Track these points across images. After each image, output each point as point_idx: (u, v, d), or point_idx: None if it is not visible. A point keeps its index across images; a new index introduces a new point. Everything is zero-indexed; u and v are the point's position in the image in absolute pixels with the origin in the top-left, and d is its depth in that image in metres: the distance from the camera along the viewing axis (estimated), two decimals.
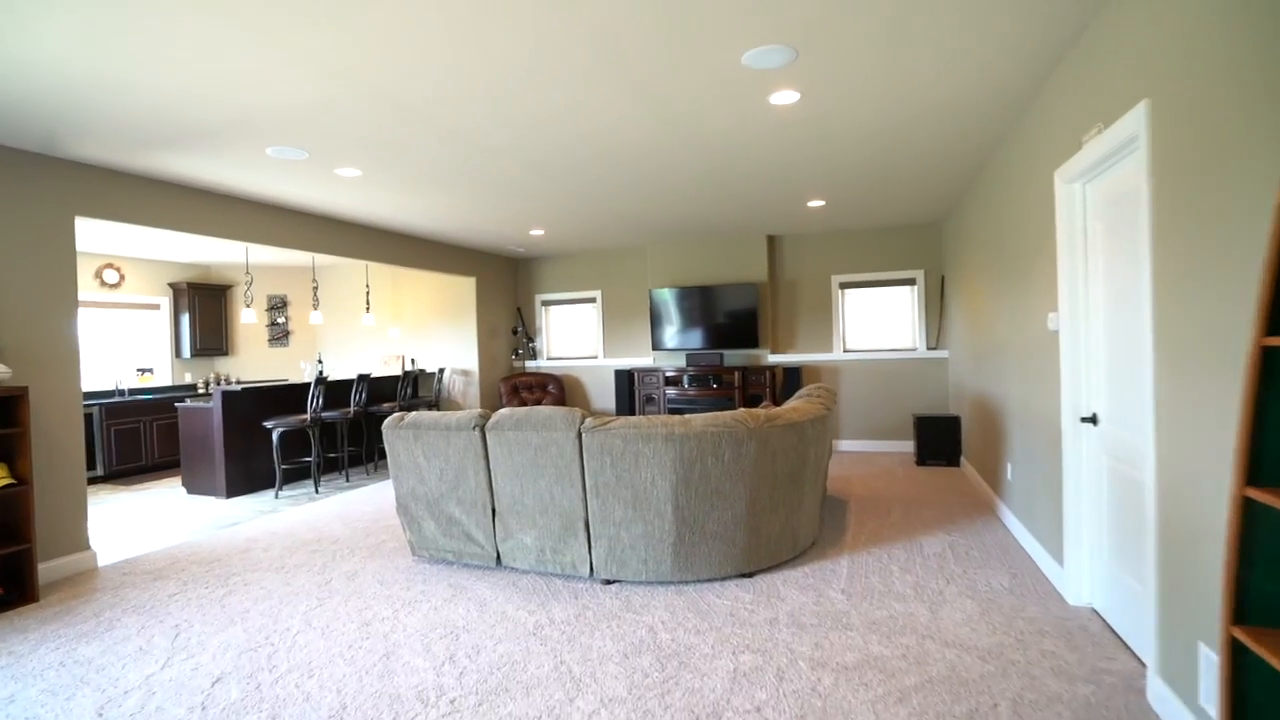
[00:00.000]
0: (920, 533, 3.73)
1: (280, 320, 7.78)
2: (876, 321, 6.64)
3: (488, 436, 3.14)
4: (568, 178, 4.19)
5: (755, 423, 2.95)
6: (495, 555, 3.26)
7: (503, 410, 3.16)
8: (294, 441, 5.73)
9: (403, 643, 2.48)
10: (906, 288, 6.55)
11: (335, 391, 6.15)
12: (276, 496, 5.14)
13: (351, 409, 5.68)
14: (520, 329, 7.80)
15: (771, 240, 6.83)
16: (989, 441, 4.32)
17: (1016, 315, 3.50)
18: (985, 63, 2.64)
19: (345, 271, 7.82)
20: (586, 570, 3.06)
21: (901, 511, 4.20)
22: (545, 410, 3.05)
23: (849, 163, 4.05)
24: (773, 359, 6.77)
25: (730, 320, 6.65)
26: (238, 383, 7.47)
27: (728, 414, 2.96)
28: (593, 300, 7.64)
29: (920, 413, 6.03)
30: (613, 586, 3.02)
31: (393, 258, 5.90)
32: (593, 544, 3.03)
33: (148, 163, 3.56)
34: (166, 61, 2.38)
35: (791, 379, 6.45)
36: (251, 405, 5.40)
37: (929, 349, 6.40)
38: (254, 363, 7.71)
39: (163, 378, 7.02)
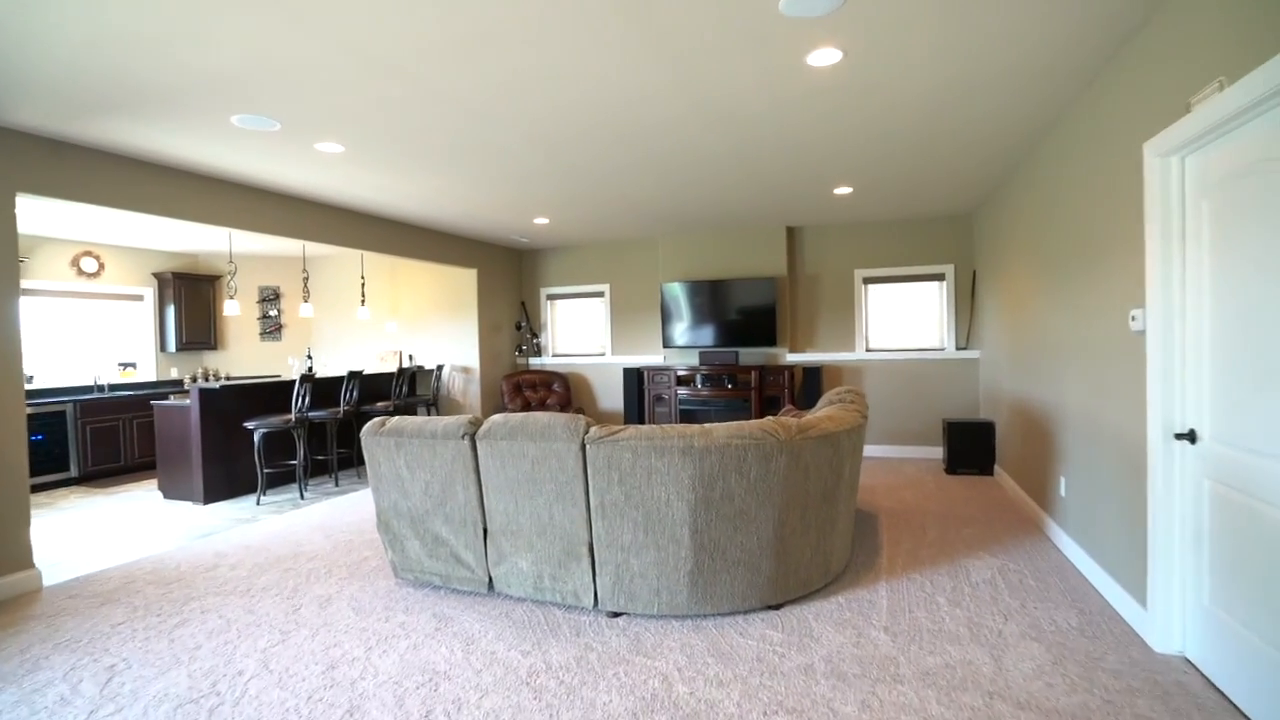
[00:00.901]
0: (963, 555, 3.32)
1: (272, 313, 7.43)
2: (902, 319, 6.22)
3: (478, 446, 2.76)
4: (570, 154, 3.79)
5: (786, 434, 2.56)
6: (487, 580, 2.88)
7: (495, 417, 2.78)
8: (279, 443, 5.38)
9: (371, 694, 2.11)
10: (934, 283, 6.12)
11: (325, 389, 5.79)
12: (258, 503, 4.78)
13: (341, 408, 5.32)
14: (524, 324, 7.43)
15: (791, 232, 6.41)
16: (1034, 452, 3.90)
17: (1078, 313, 3.08)
18: (1068, 15, 2.22)
19: (340, 261, 7.45)
20: (590, 600, 2.68)
21: (939, 528, 3.79)
22: (544, 417, 2.66)
23: (886, 142, 3.63)
24: (791, 358, 6.37)
25: (746, 317, 6.24)
26: (227, 378, 7.14)
27: (754, 423, 2.57)
28: (600, 294, 7.25)
29: (951, 417, 5.61)
30: (620, 620, 2.63)
31: (387, 247, 5.52)
32: (597, 571, 2.64)
33: (99, 133, 3.18)
34: (96, 5, 2.00)
35: (811, 379, 6.04)
36: (233, 404, 5.05)
37: (958, 349, 5.97)
38: (244, 357, 7.36)
39: (146, 373, 6.68)
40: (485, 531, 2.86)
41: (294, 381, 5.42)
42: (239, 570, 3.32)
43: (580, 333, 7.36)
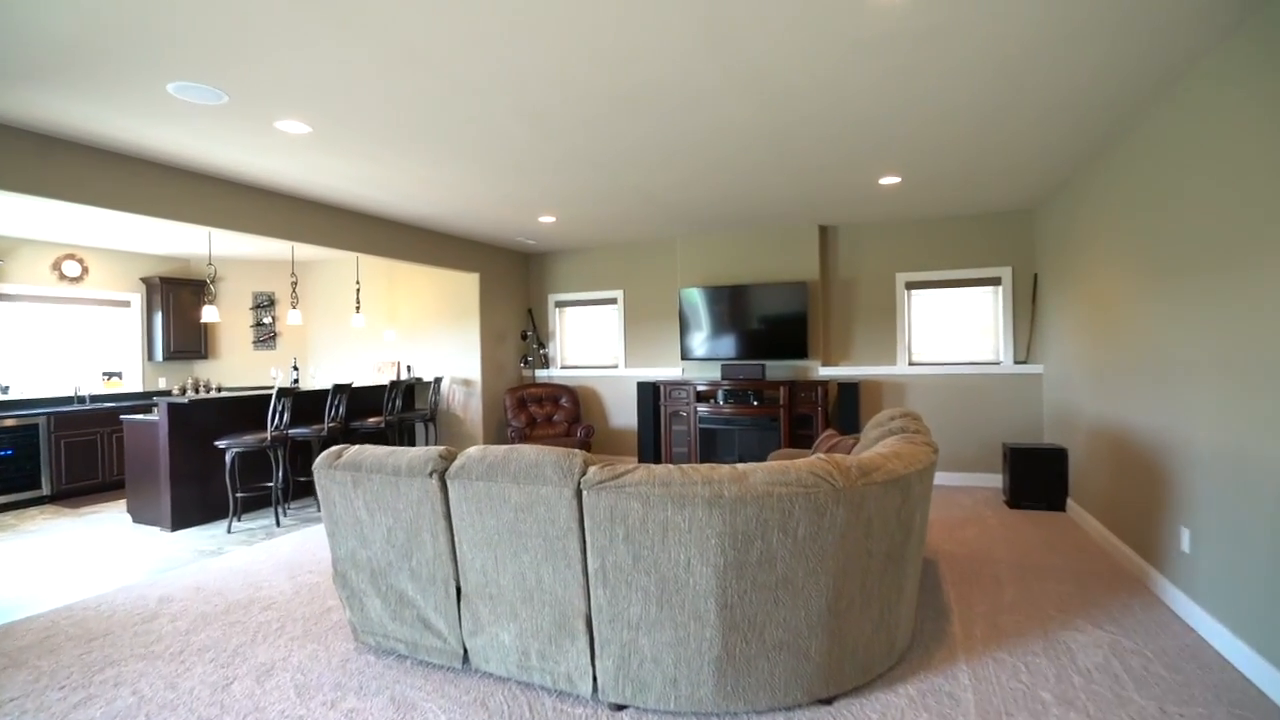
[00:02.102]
0: (1058, 623, 2.66)
1: (266, 320, 7.02)
2: (951, 329, 5.54)
3: (449, 487, 2.20)
4: (576, 135, 3.25)
5: (845, 480, 1.95)
6: (461, 653, 2.31)
7: (471, 451, 2.22)
8: (259, 463, 4.90)
9: None
10: (988, 288, 5.45)
11: (312, 403, 5.31)
12: (229, 531, 4.29)
13: (326, 425, 4.83)
14: (531, 333, 6.90)
15: (824, 231, 5.79)
16: (1135, 492, 3.22)
17: (1218, 323, 2.43)
18: None
19: (336, 266, 7.03)
20: (588, 687, 2.09)
21: (1017, 583, 3.13)
22: (530, 454, 2.09)
23: (953, 113, 3.02)
24: (824, 372, 5.73)
25: (774, 326, 5.63)
26: (219, 389, 6.73)
27: (802, 464, 1.97)
28: (613, 301, 6.70)
29: (1012, 442, 4.92)
30: (625, 716, 2.04)
31: (380, 249, 5.05)
32: (597, 651, 2.05)
33: (21, 107, 2.73)
34: None
35: (847, 396, 5.39)
36: (209, 419, 4.58)
37: (1017, 363, 5.28)
38: (237, 367, 6.96)
39: (133, 383, 6.30)
40: (459, 592, 2.29)
41: (290, 391, 4.93)
42: (179, 622, 2.80)
43: (591, 343, 6.81)
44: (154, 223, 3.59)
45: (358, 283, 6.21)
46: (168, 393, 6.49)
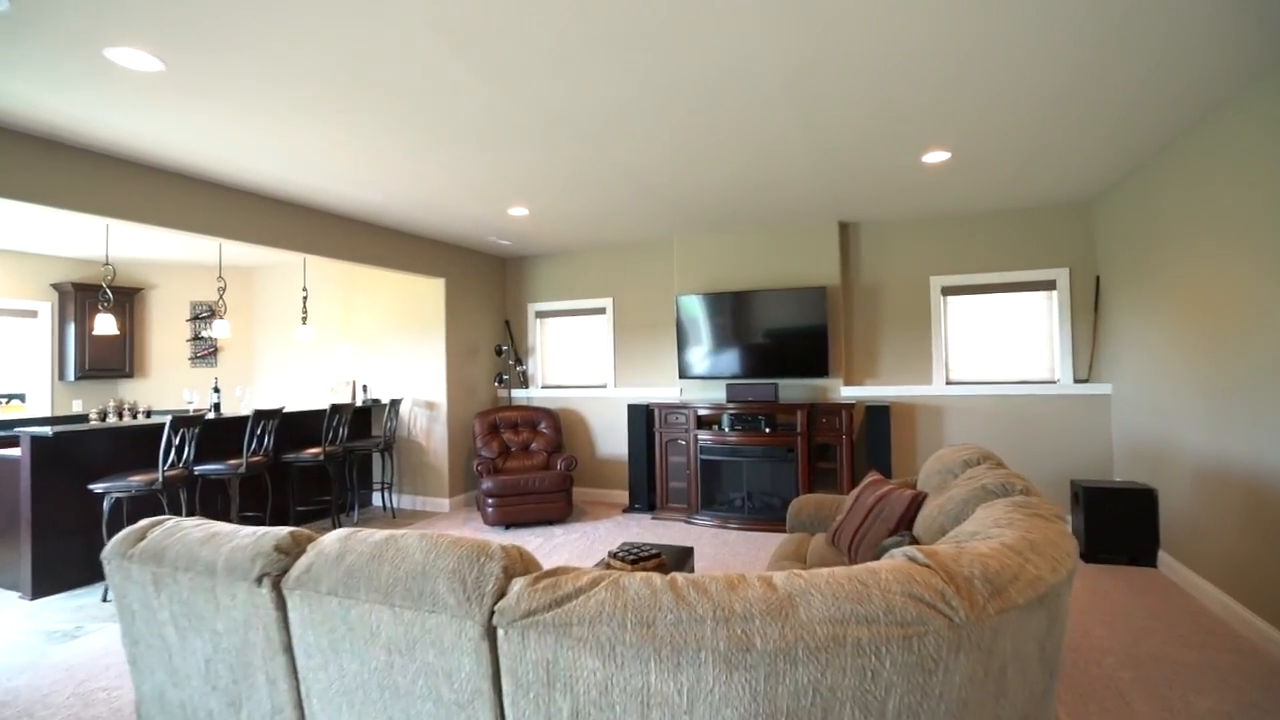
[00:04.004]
0: None
1: (206, 334, 6.16)
2: (996, 341, 4.71)
3: (289, 602, 1.32)
4: (533, 76, 2.42)
5: (969, 606, 1.08)
6: None
7: (326, 540, 1.35)
8: (156, 511, 4.00)
9: None
10: (1040, 294, 4.62)
11: (237, 434, 4.44)
12: (105, 598, 3.39)
13: (245, 460, 3.94)
14: (507, 348, 6.04)
15: (845, 229, 4.98)
16: None
17: None
18: None
19: (287, 271, 6.19)
20: None
21: (1145, 693, 2.24)
22: (415, 551, 1.22)
23: (1043, 58, 2.20)
24: (846, 392, 4.87)
25: (787, 339, 4.79)
26: (146, 414, 5.85)
27: (892, 576, 1.10)
28: (601, 311, 5.85)
29: (1084, 480, 4.04)
30: None
31: (318, 248, 4.21)
32: None
33: None
34: None
35: (876, 422, 4.53)
36: (97, 454, 3.70)
37: (1077, 381, 4.44)
38: (172, 386, 6.08)
39: (40, 406, 5.41)
40: None
41: (192, 420, 4.04)
42: None
43: (577, 359, 5.95)
44: (63, 219, 2.75)
45: (304, 289, 5.37)
46: (84, 417, 5.60)
